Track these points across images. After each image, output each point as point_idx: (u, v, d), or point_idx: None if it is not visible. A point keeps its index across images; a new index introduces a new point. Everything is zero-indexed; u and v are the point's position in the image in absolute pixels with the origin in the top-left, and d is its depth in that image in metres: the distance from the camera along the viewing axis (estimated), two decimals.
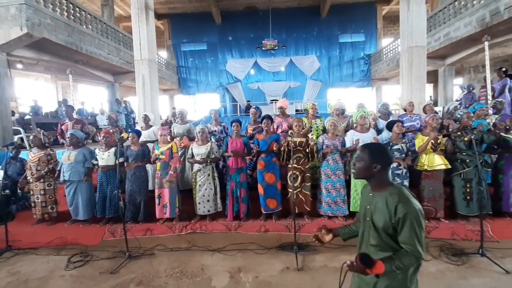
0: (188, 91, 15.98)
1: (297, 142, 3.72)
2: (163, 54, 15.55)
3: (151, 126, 4.74)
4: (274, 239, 3.46)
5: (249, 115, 12.03)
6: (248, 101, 14.42)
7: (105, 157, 3.84)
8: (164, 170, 3.81)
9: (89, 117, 9.32)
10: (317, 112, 4.73)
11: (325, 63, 15.31)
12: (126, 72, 10.60)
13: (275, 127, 4.48)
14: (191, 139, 4.68)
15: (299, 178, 3.76)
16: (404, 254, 1.20)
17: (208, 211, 3.81)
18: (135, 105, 11.16)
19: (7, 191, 5.31)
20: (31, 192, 4.01)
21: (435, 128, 3.72)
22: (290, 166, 3.77)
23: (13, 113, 7.57)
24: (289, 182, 3.79)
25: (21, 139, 6.92)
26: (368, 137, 3.72)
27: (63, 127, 4.67)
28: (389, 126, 3.76)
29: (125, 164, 3.81)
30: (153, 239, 3.60)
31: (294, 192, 3.72)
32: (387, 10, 15.73)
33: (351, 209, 3.75)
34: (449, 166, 3.61)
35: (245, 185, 3.86)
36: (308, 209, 3.80)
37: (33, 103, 9.24)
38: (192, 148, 3.84)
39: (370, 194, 1.38)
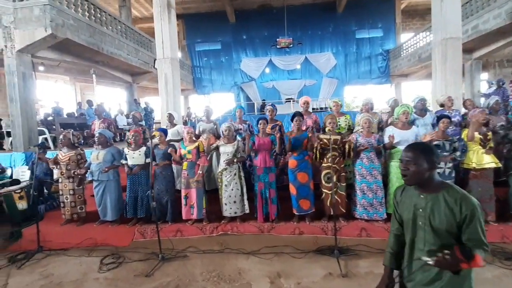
0: (202, 91, 15.98)
1: (332, 140, 3.52)
2: (178, 54, 15.60)
3: (175, 124, 4.66)
4: (310, 242, 3.29)
5: (264, 114, 11.82)
6: (263, 100, 14.25)
7: (135, 156, 3.77)
8: (191, 170, 3.69)
9: (109, 118, 9.40)
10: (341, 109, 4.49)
11: (342, 60, 14.95)
12: (144, 73, 10.66)
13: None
14: (218, 137, 4.57)
15: (334, 177, 3.56)
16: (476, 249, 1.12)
17: (235, 213, 3.67)
18: (153, 105, 11.24)
19: (35, 190, 5.43)
20: (60, 192, 3.99)
21: (482, 123, 3.45)
22: (324, 165, 3.59)
23: (36, 114, 7.70)
24: (323, 182, 3.62)
25: (45, 139, 7.03)
26: (409, 134, 3.48)
27: (93, 126, 4.65)
28: (438, 121, 3.52)
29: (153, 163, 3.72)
30: (183, 241, 3.49)
31: (329, 192, 3.55)
32: (405, 4, 15.20)
33: (389, 211, 3.52)
34: (500, 165, 3.33)
35: (274, 186, 3.69)
36: (344, 211, 3.60)
37: (55, 105, 9.41)
38: (219, 147, 3.71)
39: (421, 196, 1.26)
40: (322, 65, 14.73)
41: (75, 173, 3.91)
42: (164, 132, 3.88)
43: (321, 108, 13.05)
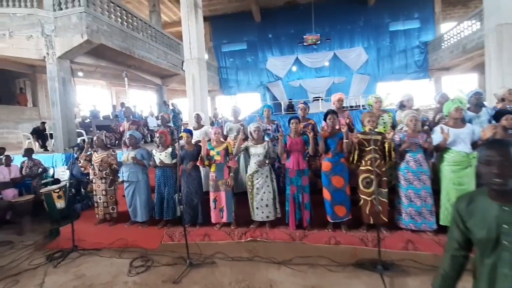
0: (229, 92, 16.05)
1: (372, 140, 3.18)
2: (205, 55, 15.83)
3: (203, 125, 4.58)
4: (348, 253, 2.98)
5: (292, 113, 11.53)
6: (290, 99, 13.91)
7: (162, 157, 3.74)
8: (220, 172, 3.56)
9: (141, 119, 9.73)
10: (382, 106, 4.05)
11: (374, 54, 14.09)
12: (173, 75, 10.91)
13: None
14: (245, 138, 4.41)
15: (374, 182, 3.20)
16: None
17: (267, 217, 3.47)
18: (181, 107, 11.48)
19: (72, 190, 5.71)
20: (94, 192, 4.09)
21: None
22: (362, 168, 3.25)
23: (75, 117, 8.17)
24: (361, 187, 3.28)
25: (83, 140, 7.41)
26: (464, 133, 3.02)
27: (121, 128, 4.76)
28: (497, 118, 3.02)
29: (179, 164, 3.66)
30: (211, 246, 3.37)
31: (368, 199, 3.21)
32: None
33: (441, 223, 3.08)
34: None
35: (307, 190, 3.43)
36: (386, 220, 3.22)
37: (93, 108, 9.97)
38: (249, 148, 3.53)
39: (506, 209, 1.00)
40: (352, 61, 14.02)
41: (112, 167, 3.96)
42: (190, 133, 3.80)
43: (352, 107, 12.42)
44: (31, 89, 12.83)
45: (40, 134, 7.73)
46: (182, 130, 4.54)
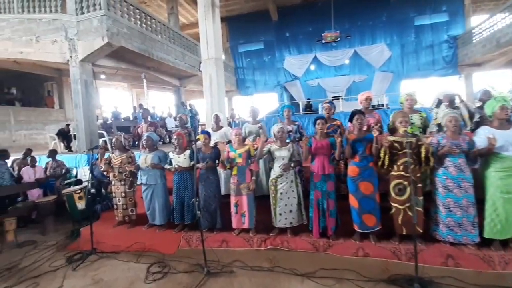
0: (246, 92, 15.95)
1: (405, 143, 2.89)
2: (222, 54, 15.84)
3: (221, 127, 4.46)
4: (378, 268, 2.72)
5: (310, 113, 11.17)
6: (308, 99, 13.58)
7: (180, 160, 3.64)
8: (242, 175, 3.41)
9: (159, 120, 9.84)
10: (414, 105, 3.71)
11: (397, 51, 13.42)
12: (190, 76, 10.97)
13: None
14: (266, 139, 4.23)
15: (408, 189, 2.92)
16: None
17: (291, 223, 3.27)
18: (198, 107, 11.52)
19: (93, 190, 5.81)
20: (113, 195, 4.09)
21: None
22: (394, 173, 2.97)
23: (97, 118, 8.37)
24: (392, 194, 3.00)
25: (105, 141, 7.57)
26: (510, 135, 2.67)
27: (139, 129, 4.75)
28: None
29: (200, 166, 3.55)
30: (229, 253, 3.22)
31: (401, 207, 2.93)
32: None
33: (486, 235, 2.74)
34: None
35: (333, 196, 3.19)
36: (421, 231, 2.92)
37: (114, 109, 10.22)
38: (272, 151, 3.35)
39: None
40: (374, 58, 13.43)
41: (127, 168, 3.93)
42: (208, 135, 3.68)
43: (373, 106, 11.89)
44: (58, 92, 13.44)
45: (65, 136, 8.00)
46: (199, 132, 4.45)
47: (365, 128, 3.16)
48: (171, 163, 3.73)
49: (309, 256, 3.01)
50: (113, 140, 4.03)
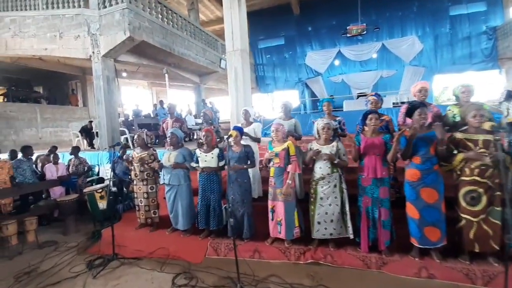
0: (265, 89, 15.52)
1: (481, 141, 2.38)
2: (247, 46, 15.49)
3: (251, 122, 4.08)
4: None
5: (336, 110, 10.56)
6: (331, 96, 12.92)
7: (208, 159, 3.30)
8: (279, 178, 3.00)
9: (180, 118, 9.67)
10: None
11: (430, 43, 12.43)
12: (211, 72, 10.72)
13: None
14: (297, 138, 3.81)
15: (484, 198, 2.39)
16: None
17: (331, 234, 2.83)
18: (218, 105, 11.27)
19: (114, 188, 5.64)
20: (135, 195, 3.83)
21: None
22: (465, 178, 2.46)
23: (118, 116, 8.29)
24: (462, 203, 2.49)
25: (126, 139, 7.45)
26: None
27: (164, 125, 4.48)
28: None
29: (226, 167, 3.19)
30: (263, 265, 2.84)
31: (474, 219, 2.42)
32: None
33: None
34: None
35: (387, 204, 2.72)
36: (497, 248, 2.39)
37: (135, 107, 10.16)
38: (312, 149, 2.92)
39: None
40: (404, 51, 12.53)
41: (150, 165, 3.66)
42: (240, 131, 3.30)
43: (403, 103, 11.07)
44: (82, 90, 13.70)
45: (88, 133, 7.97)
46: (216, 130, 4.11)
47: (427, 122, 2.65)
48: (197, 161, 3.40)
49: (359, 274, 2.56)
50: (135, 137, 3.76)
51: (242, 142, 3.36)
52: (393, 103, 10.63)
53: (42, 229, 4.46)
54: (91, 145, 7.88)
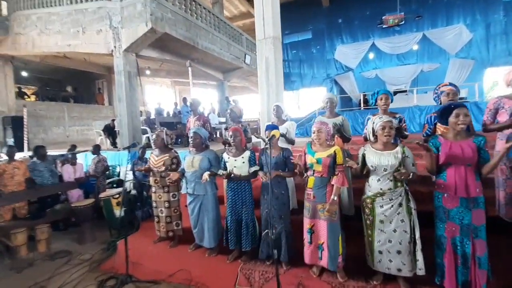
0: (291, 87, 14.73)
1: None
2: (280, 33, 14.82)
3: (284, 120, 3.43)
4: None
5: (370, 108, 9.61)
6: (364, 93, 11.90)
7: (237, 164, 2.71)
8: (321, 191, 2.33)
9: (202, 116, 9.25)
10: None
11: (481, 32, 10.95)
12: (235, 69, 10.24)
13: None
14: (346, 139, 3.10)
15: None
16: None
17: (399, 270, 2.11)
18: (242, 103, 10.73)
19: (134, 191, 5.26)
20: (154, 204, 3.33)
21: None
22: None
23: (140, 114, 8.01)
24: None
25: (148, 138, 7.12)
26: None
27: (188, 124, 3.98)
28: None
29: (260, 174, 2.58)
30: None
31: None
32: None
33: None
34: None
35: (483, 233, 1.95)
36: None
37: (157, 105, 9.92)
38: (366, 156, 2.22)
39: None
40: (449, 42, 11.16)
41: (167, 179, 3.15)
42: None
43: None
44: (107, 89, 13.84)
45: (110, 131, 7.76)
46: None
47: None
48: (225, 167, 2.82)
49: None
50: (154, 136, 3.26)
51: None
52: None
53: (58, 235, 4.16)
54: (114, 144, 7.66)
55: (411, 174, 2.06)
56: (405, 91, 11.31)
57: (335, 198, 2.25)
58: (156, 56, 7.09)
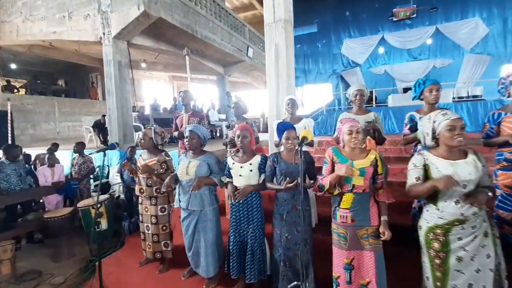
0: (295, 83, 14.09)
1: None
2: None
3: (300, 118, 2.81)
4: None
5: (378, 105, 8.93)
6: (371, 90, 11.27)
7: (245, 172, 2.09)
8: (364, 211, 1.72)
9: (202, 112, 8.61)
10: None
11: (498, 27, 10.30)
12: (237, 62, 9.57)
13: None
14: (380, 141, 2.48)
15: None
16: None
17: None
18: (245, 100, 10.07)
19: (122, 196, 4.64)
20: (140, 218, 2.72)
21: None
22: None
23: (134, 109, 7.36)
24: None
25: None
26: None
27: (177, 120, 3.34)
28: None
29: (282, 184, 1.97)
30: None
31: None
32: None
33: None
34: None
35: None
36: None
37: (153, 101, 9.27)
38: (432, 167, 1.59)
39: None
40: (463, 37, 10.52)
41: (156, 190, 2.56)
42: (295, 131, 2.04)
43: (460, 98, 9.24)
44: (101, 83, 13.14)
45: (101, 128, 7.12)
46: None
47: None
48: (229, 175, 2.21)
49: None
50: (140, 135, 2.63)
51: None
52: (452, 98, 8.90)
53: (32, 249, 3.55)
54: (104, 142, 7.02)
55: (490, 193, 1.46)
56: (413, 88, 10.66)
57: (385, 218, 1.68)
58: (150, 45, 6.43)
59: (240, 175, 2.11)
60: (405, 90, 10.70)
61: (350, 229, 1.74)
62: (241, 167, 2.12)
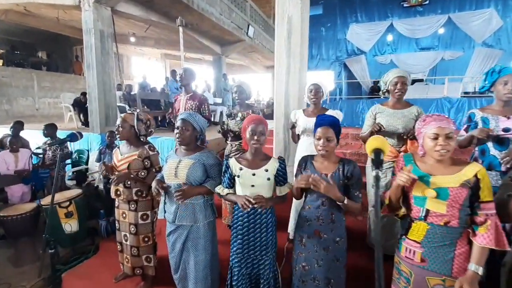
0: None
1: None
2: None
3: (325, 109, 2.27)
4: None
5: (376, 96, 8.38)
6: (375, 80, 10.74)
7: (259, 181, 1.56)
8: (444, 252, 1.18)
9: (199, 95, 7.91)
10: None
11: None
12: (236, 41, 8.77)
13: None
14: (409, 137, 1.97)
15: None
16: None
17: None
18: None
19: (101, 187, 4.06)
20: (117, 225, 2.17)
21: None
22: None
23: (119, 87, 6.61)
24: None
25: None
26: None
27: (176, 104, 2.75)
28: None
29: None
30: None
31: None
32: None
33: None
34: None
35: None
36: None
37: (142, 79, 8.46)
38: None
39: None
40: (476, 28, 9.96)
41: (137, 193, 2.01)
42: (336, 126, 1.50)
43: (466, 93, 8.84)
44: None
45: (82, 107, 6.36)
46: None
47: None
48: (231, 183, 1.66)
49: None
50: (118, 122, 2.03)
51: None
52: (465, 93, 8.51)
53: None
54: (85, 123, 6.29)
55: None
56: (422, 80, 10.20)
57: (480, 272, 1.12)
58: (139, 14, 5.61)
59: (253, 186, 1.56)
60: (413, 82, 10.22)
61: (417, 270, 1.23)
62: (254, 174, 1.57)
